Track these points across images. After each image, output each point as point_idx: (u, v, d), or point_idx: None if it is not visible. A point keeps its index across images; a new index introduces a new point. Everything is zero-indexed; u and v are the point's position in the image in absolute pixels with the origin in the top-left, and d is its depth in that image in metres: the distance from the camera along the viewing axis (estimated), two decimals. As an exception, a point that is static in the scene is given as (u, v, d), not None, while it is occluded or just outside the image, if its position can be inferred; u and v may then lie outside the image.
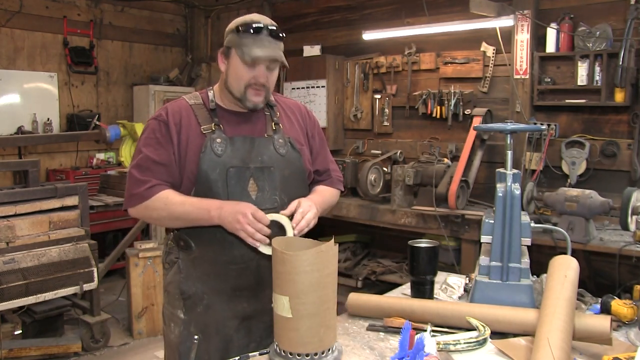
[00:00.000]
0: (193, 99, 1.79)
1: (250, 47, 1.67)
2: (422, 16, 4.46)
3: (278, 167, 1.76)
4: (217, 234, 1.70)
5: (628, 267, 3.47)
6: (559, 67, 4.00)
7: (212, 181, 1.68)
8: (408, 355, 1.34)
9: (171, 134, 1.71)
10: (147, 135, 1.75)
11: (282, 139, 1.80)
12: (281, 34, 1.73)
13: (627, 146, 3.74)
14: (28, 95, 5.38)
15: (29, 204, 3.50)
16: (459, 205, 3.89)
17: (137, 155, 1.75)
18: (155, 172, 1.70)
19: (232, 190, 1.69)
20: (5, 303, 3.26)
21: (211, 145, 1.69)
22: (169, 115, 1.74)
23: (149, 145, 1.73)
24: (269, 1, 5.86)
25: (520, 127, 1.90)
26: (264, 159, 1.75)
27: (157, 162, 1.71)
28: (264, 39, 1.68)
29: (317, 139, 1.96)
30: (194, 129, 1.73)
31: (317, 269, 1.37)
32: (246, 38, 1.68)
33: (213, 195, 1.68)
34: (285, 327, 1.41)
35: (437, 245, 1.89)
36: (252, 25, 1.67)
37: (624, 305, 1.70)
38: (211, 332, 1.75)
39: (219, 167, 1.69)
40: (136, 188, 1.70)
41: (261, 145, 1.76)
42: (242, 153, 1.73)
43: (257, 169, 1.73)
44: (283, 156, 1.78)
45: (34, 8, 5.40)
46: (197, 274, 1.76)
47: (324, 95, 5.11)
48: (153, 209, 1.70)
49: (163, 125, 1.73)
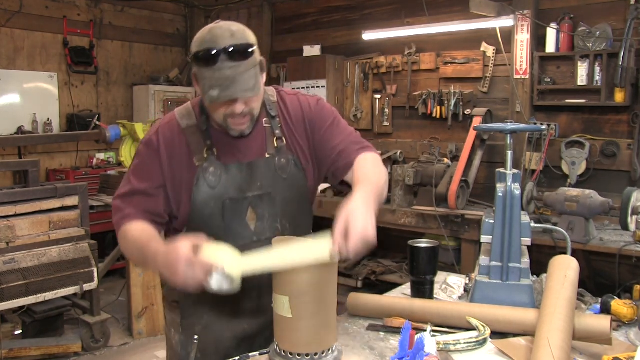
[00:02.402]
0: (186, 119, 1.60)
1: (208, 82, 1.42)
2: (422, 16, 4.47)
3: (279, 191, 1.60)
4: None
5: (628, 267, 3.47)
6: (559, 67, 4.00)
7: (206, 216, 1.55)
8: (408, 355, 1.33)
9: (162, 164, 1.56)
10: (136, 162, 1.61)
11: (285, 159, 1.61)
12: (250, 48, 1.45)
13: (627, 146, 3.74)
14: (28, 95, 5.38)
15: (29, 204, 3.50)
16: (459, 205, 3.89)
17: (124, 183, 1.61)
18: (134, 202, 1.56)
19: (229, 224, 1.56)
20: (5, 303, 3.26)
21: (204, 176, 1.54)
22: (161, 143, 1.57)
23: (136, 174, 1.59)
24: (269, 1, 5.86)
25: (520, 127, 1.90)
26: (263, 184, 1.58)
27: (140, 192, 1.56)
28: (224, 68, 1.40)
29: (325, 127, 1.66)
30: (186, 160, 1.56)
31: (317, 269, 1.37)
32: (202, 68, 1.43)
33: (209, 230, 1.49)
34: (285, 327, 1.41)
35: (437, 245, 1.89)
36: (204, 55, 1.41)
37: (624, 305, 1.70)
38: (210, 350, 1.68)
39: (214, 201, 1.55)
40: (116, 216, 1.57)
41: (260, 169, 1.59)
42: (239, 181, 1.57)
43: (255, 197, 1.58)
44: (285, 179, 1.60)
45: (34, 8, 5.40)
46: (194, 296, 1.62)
47: (324, 95, 5.11)
48: (120, 241, 1.57)
49: (154, 153, 1.57)
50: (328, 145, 1.64)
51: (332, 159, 1.63)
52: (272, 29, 5.88)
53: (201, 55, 1.42)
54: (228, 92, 1.41)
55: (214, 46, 1.41)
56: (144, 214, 1.55)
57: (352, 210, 1.29)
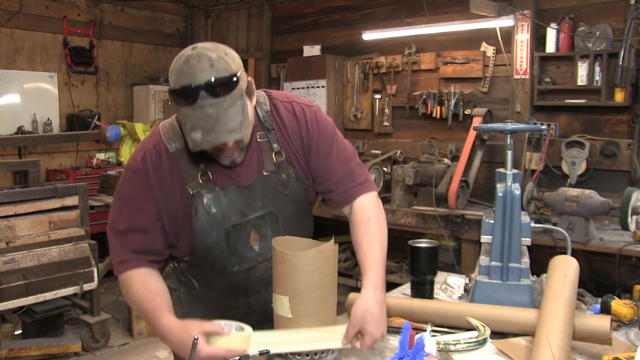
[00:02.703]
0: (174, 141, 1.45)
1: (188, 121, 1.29)
2: (422, 16, 4.47)
3: (281, 208, 1.52)
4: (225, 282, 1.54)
5: (628, 267, 3.47)
6: (559, 67, 4.00)
7: (210, 245, 1.47)
8: (408, 355, 1.33)
9: (154, 194, 1.45)
10: (126, 191, 1.49)
11: (286, 174, 1.52)
12: (234, 77, 1.28)
13: (627, 146, 3.74)
14: (28, 95, 5.38)
15: (29, 204, 3.50)
16: (459, 205, 3.89)
17: (116, 213, 1.50)
18: (130, 242, 1.46)
19: (233, 249, 1.49)
20: (5, 303, 3.26)
21: (203, 205, 1.44)
22: (150, 171, 1.45)
23: (128, 205, 1.48)
24: (269, 1, 5.86)
25: (520, 127, 1.90)
26: (264, 202, 1.50)
27: (135, 229, 1.46)
28: (205, 106, 1.26)
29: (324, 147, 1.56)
30: (179, 187, 1.45)
31: (317, 269, 1.37)
32: (182, 106, 1.30)
33: (213, 259, 1.48)
34: (285, 327, 1.41)
35: (437, 245, 1.89)
36: (182, 91, 1.28)
37: (624, 305, 1.69)
38: None
39: (216, 229, 1.46)
40: (114, 257, 1.50)
41: (260, 188, 1.49)
42: (239, 204, 1.47)
43: (258, 218, 1.50)
44: (287, 195, 1.52)
45: (34, 8, 5.40)
46: (200, 310, 1.61)
47: (324, 95, 5.11)
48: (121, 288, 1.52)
49: (143, 183, 1.45)
50: (325, 169, 1.56)
51: (328, 185, 1.57)
52: (272, 29, 5.88)
53: (179, 92, 1.28)
54: (212, 135, 1.28)
55: (193, 81, 1.26)
56: (143, 257, 1.47)
57: (368, 311, 1.35)
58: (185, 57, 1.31)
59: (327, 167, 1.55)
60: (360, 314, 1.35)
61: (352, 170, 1.58)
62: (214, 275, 1.55)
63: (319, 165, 1.56)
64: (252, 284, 1.56)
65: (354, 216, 1.55)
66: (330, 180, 1.56)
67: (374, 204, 1.58)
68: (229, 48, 1.37)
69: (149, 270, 1.48)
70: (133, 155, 1.51)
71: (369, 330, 1.34)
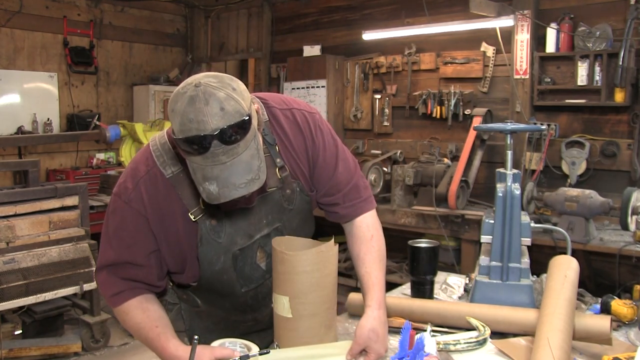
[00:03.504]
0: (169, 165, 1.33)
1: (198, 170, 1.16)
2: (422, 16, 4.47)
3: (286, 224, 1.47)
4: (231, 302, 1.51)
5: (628, 267, 3.47)
6: (559, 67, 4.00)
7: (217, 271, 1.40)
8: (408, 355, 1.34)
9: (152, 227, 1.34)
10: (115, 224, 1.36)
11: (290, 189, 1.44)
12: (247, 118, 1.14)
13: (627, 146, 3.74)
14: (28, 95, 5.38)
15: (29, 204, 3.50)
16: (459, 205, 3.89)
17: (105, 248, 1.39)
18: (121, 273, 1.38)
19: (241, 271, 1.44)
20: (5, 303, 3.26)
21: (207, 232, 1.35)
22: (146, 203, 1.33)
23: (119, 238, 1.36)
24: (269, 1, 5.86)
25: (520, 127, 1.90)
26: (269, 220, 1.44)
27: (126, 262, 1.36)
28: (218, 154, 1.13)
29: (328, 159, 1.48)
30: (180, 214, 1.34)
31: (317, 269, 1.37)
32: (190, 155, 1.16)
33: (221, 284, 1.43)
34: (285, 327, 1.41)
35: (437, 245, 1.89)
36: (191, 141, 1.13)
37: (624, 305, 1.69)
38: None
39: (223, 255, 1.39)
40: (106, 292, 1.41)
41: (265, 206, 1.42)
42: (245, 226, 1.40)
43: (264, 237, 1.44)
44: (292, 210, 1.46)
45: (34, 8, 5.40)
46: (203, 325, 1.58)
47: (324, 95, 5.11)
48: (119, 318, 1.44)
49: (138, 215, 1.33)
50: (332, 182, 1.50)
51: (334, 199, 1.52)
52: (272, 29, 5.88)
53: (188, 142, 1.14)
54: (228, 189, 1.16)
55: (203, 129, 1.12)
56: (137, 285, 1.39)
57: (374, 331, 1.39)
58: (189, 98, 1.14)
59: (333, 181, 1.50)
60: (367, 334, 1.38)
61: (357, 184, 1.54)
62: (220, 297, 1.51)
63: (325, 178, 1.49)
64: (259, 301, 1.54)
65: (356, 231, 1.55)
66: (336, 194, 1.51)
67: (375, 221, 1.58)
68: (234, 79, 1.22)
69: (145, 296, 1.41)
70: (123, 182, 1.37)
71: (375, 349, 1.39)
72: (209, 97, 1.13)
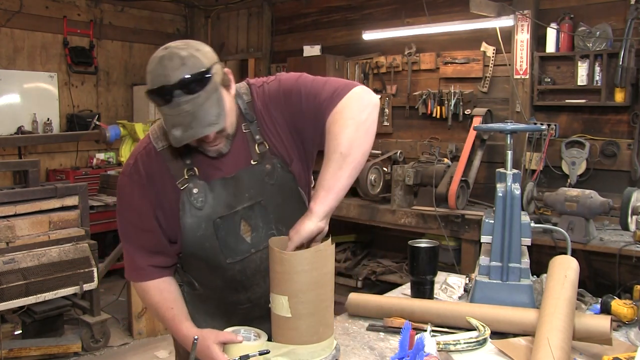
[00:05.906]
0: (161, 140, 1.50)
1: (168, 120, 1.34)
2: (422, 16, 4.47)
3: (269, 198, 1.52)
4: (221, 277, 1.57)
5: (628, 267, 3.47)
6: (559, 67, 4.00)
7: (199, 239, 1.49)
8: (408, 355, 1.33)
9: (149, 195, 1.50)
10: (124, 200, 1.56)
11: (270, 164, 1.51)
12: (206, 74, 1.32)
13: (627, 146, 3.74)
14: (28, 95, 5.38)
15: (29, 204, 3.50)
16: (459, 205, 3.89)
17: (118, 219, 1.57)
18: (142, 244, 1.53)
19: (224, 241, 1.51)
20: (5, 303, 3.26)
21: (189, 199, 1.47)
22: (142, 173, 1.50)
23: (127, 210, 1.55)
24: (269, 1, 5.86)
25: (520, 127, 1.90)
26: (251, 194, 1.51)
27: (138, 229, 1.53)
28: (181, 104, 1.31)
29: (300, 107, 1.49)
30: (169, 184, 1.49)
31: (315, 268, 1.37)
32: (160, 106, 1.35)
33: (205, 251, 1.51)
34: (283, 326, 1.41)
35: (437, 245, 1.89)
36: (158, 92, 1.32)
37: (624, 305, 1.70)
38: None
39: (204, 222, 1.48)
40: (128, 262, 1.58)
41: (246, 179, 1.50)
42: (226, 197, 1.50)
43: (246, 209, 1.51)
44: (273, 185, 1.52)
45: (33, 8, 5.40)
46: (205, 308, 1.65)
47: (324, 95, 5.10)
48: (138, 293, 1.62)
49: (138, 185, 1.50)
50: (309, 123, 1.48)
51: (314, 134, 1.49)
52: (272, 29, 5.88)
53: (155, 93, 1.33)
54: (190, 131, 1.33)
55: (167, 81, 1.30)
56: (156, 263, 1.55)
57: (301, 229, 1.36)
58: (158, 58, 1.35)
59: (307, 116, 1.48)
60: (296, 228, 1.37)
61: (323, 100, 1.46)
62: (208, 270, 1.56)
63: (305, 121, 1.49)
64: (248, 277, 1.57)
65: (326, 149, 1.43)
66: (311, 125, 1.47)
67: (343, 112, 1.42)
68: (202, 44, 1.41)
69: (164, 279, 1.57)
70: (127, 161, 1.57)
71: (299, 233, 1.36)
72: (173, 55, 1.33)
